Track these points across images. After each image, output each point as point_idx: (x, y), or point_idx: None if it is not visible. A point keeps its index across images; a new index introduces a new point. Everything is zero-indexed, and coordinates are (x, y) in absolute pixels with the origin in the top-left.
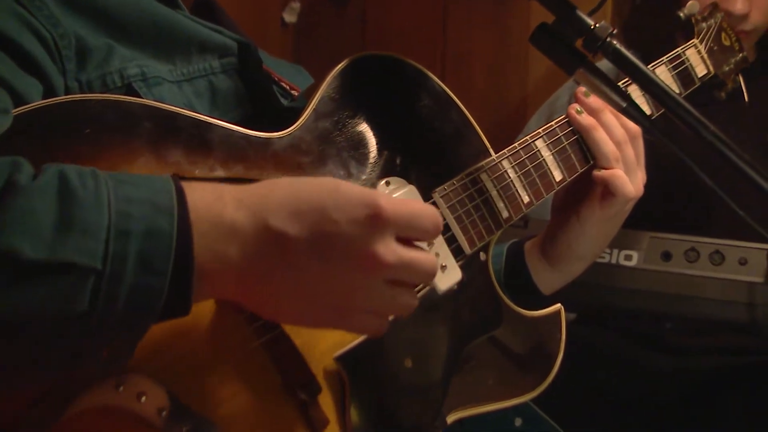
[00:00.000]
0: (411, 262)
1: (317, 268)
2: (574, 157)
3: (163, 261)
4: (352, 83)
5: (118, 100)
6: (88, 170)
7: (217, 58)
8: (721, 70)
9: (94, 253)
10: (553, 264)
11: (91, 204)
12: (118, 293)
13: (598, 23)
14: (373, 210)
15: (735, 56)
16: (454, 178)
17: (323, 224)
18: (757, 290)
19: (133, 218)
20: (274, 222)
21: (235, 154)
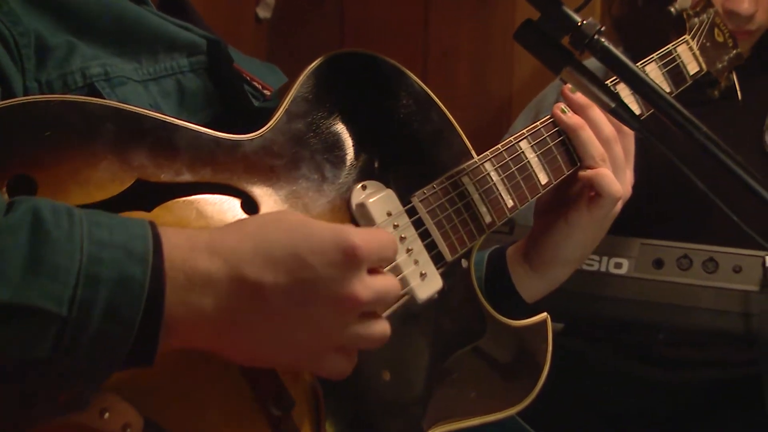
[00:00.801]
0: (383, 293)
1: (294, 314)
2: (560, 159)
3: (132, 311)
4: (327, 82)
5: (79, 101)
6: (63, 208)
7: (185, 57)
8: (714, 68)
9: (60, 299)
10: (536, 269)
11: (63, 246)
12: (81, 341)
13: (586, 20)
14: (348, 251)
15: (728, 53)
16: (434, 181)
17: (299, 271)
18: (752, 299)
19: (105, 264)
20: (249, 271)
21: (203, 157)
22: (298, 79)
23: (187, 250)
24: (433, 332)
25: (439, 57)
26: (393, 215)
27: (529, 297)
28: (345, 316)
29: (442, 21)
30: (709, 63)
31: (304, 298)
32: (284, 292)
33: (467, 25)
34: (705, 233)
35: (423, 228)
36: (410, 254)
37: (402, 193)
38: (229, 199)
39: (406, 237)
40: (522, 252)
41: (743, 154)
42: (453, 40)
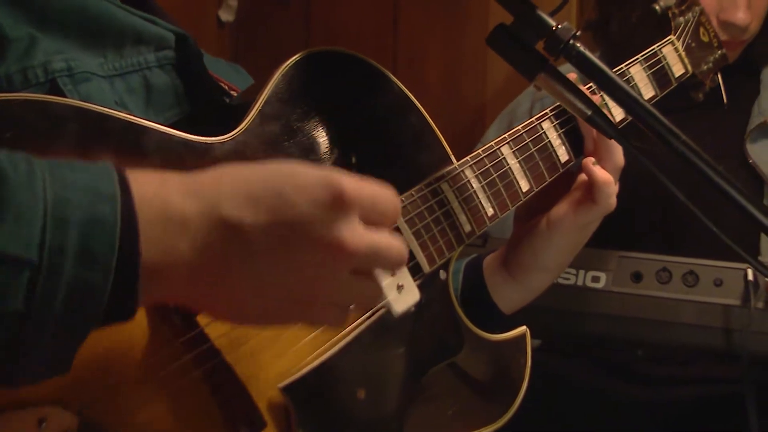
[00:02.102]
0: (379, 249)
1: (277, 258)
2: (543, 165)
3: (106, 253)
4: (303, 82)
5: (41, 101)
6: (21, 155)
7: (152, 51)
8: (699, 69)
9: (29, 243)
10: (515, 276)
11: (25, 189)
12: (56, 289)
13: (561, 24)
14: (335, 190)
15: (714, 54)
16: (413, 188)
17: (282, 209)
18: (734, 314)
19: (72, 204)
20: (227, 210)
21: (171, 161)
22: (271, 78)
23: (159, 187)
24: (410, 347)
25: (409, 62)
26: None
27: (507, 307)
28: (333, 264)
29: (412, 24)
30: (695, 64)
31: (287, 239)
32: (265, 231)
33: (438, 29)
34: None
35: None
36: None
37: None
38: None
39: None
40: (500, 260)
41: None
42: (423, 44)
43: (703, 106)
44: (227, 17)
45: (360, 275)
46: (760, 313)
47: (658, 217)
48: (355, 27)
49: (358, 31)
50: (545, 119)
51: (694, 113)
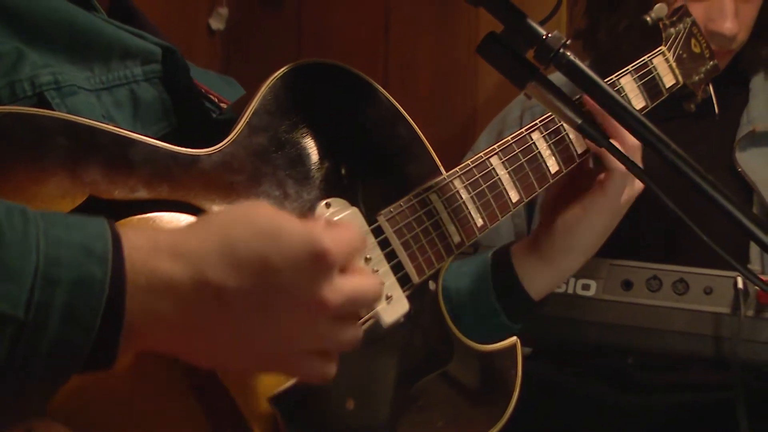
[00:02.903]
0: (356, 295)
1: (260, 319)
2: (532, 175)
3: (92, 313)
4: (291, 94)
5: (28, 114)
6: (17, 209)
7: (139, 65)
8: (690, 80)
9: (17, 302)
10: (547, 259)
11: (18, 247)
12: (39, 345)
13: (551, 33)
14: (319, 256)
15: (705, 65)
16: (402, 199)
17: (266, 275)
18: (724, 322)
19: (63, 264)
20: (212, 274)
21: (159, 173)
22: (259, 90)
23: (149, 251)
24: (399, 357)
25: (401, 69)
26: None
27: (536, 293)
28: (314, 320)
29: (404, 32)
30: (686, 75)
31: (270, 304)
32: (248, 296)
33: (429, 37)
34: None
35: (389, 248)
36: None
37: (368, 211)
38: (187, 218)
39: (372, 258)
40: (530, 246)
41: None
42: (414, 52)
43: (693, 114)
44: (218, 25)
45: (337, 321)
46: (750, 321)
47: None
48: (347, 35)
49: (349, 40)
50: (534, 130)
51: (683, 122)
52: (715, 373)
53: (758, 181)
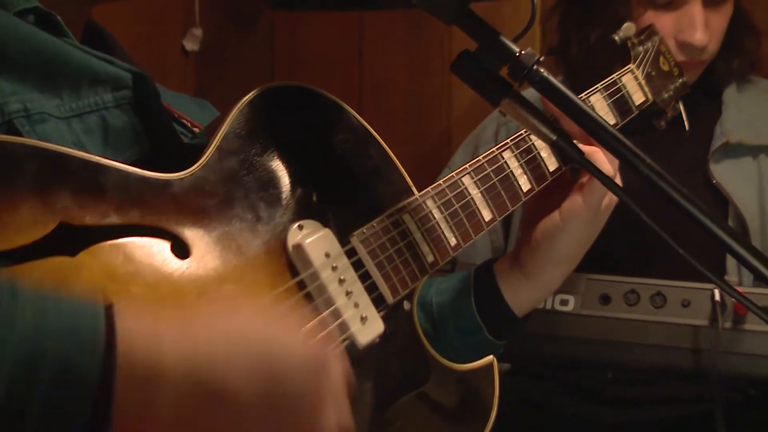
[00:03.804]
0: None
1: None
2: (505, 194)
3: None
4: (261, 117)
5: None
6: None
7: (109, 92)
8: (660, 98)
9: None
10: (529, 274)
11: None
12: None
13: (524, 50)
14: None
15: (674, 82)
16: (375, 220)
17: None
18: (702, 334)
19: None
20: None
21: (130, 198)
22: (229, 114)
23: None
24: (375, 379)
25: (375, 88)
26: (331, 257)
27: (520, 308)
28: None
29: (377, 52)
30: (655, 93)
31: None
32: (251, 407)
33: (402, 55)
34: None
35: (363, 269)
36: (350, 297)
37: (341, 232)
38: (159, 242)
39: (346, 279)
40: (512, 261)
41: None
42: (388, 71)
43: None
44: (192, 46)
45: None
46: (727, 333)
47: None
48: (320, 55)
49: (323, 60)
50: (506, 149)
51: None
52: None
53: (733, 193)
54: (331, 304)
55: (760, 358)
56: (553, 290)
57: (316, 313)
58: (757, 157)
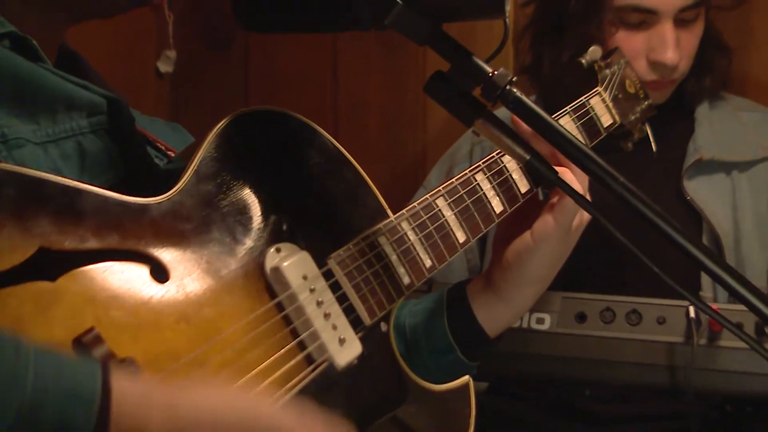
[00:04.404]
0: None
1: None
2: (478, 216)
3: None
4: (235, 142)
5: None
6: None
7: (85, 117)
8: (627, 120)
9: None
10: (501, 294)
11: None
12: None
13: (497, 70)
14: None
15: (641, 104)
16: (351, 242)
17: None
18: (677, 351)
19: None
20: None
21: (109, 223)
22: (206, 139)
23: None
24: (353, 400)
25: (350, 108)
26: (309, 279)
27: (492, 330)
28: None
29: (352, 72)
30: (622, 115)
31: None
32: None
33: (377, 75)
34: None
35: (340, 291)
36: (328, 319)
37: (318, 255)
38: (138, 266)
39: (324, 301)
40: (484, 282)
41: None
42: (363, 91)
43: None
44: (166, 68)
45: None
46: (703, 350)
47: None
48: (295, 76)
49: (298, 81)
50: (478, 171)
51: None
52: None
53: (707, 209)
54: (309, 327)
55: (735, 374)
56: (526, 310)
57: (294, 335)
58: (730, 174)
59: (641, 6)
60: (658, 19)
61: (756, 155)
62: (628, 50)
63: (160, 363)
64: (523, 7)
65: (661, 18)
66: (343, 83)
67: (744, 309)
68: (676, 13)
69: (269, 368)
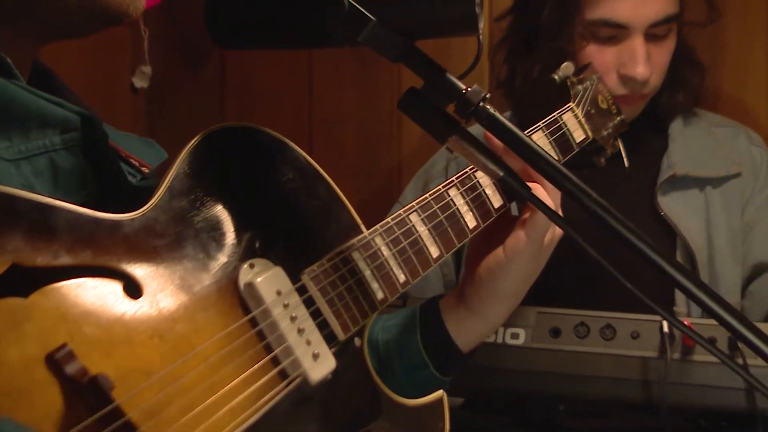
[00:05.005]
0: None
1: None
2: (451, 231)
3: None
4: (208, 158)
5: None
6: None
7: (58, 134)
8: (599, 135)
9: None
10: (474, 310)
11: None
12: None
13: (471, 87)
14: None
15: (613, 120)
16: (325, 257)
17: None
18: (651, 366)
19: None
20: None
21: (82, 239)
22: (179, 155)
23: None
24: (327, 415)
25: (325, 124)
26: (283, 294)
27: (465, 344)
28: None
29: (327, 88)
30: (595, 130)
31: None
32: None
33: (352, 91)
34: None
35: (314, 307)
36: (302, 334)
37: (292, 270)
38: (111, 283)
39: (297, 316)
40: (457, 297)
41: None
42: (338, 106)
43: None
44: (141, 83)
45: None
46: (676, 364)
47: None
48: (271, 92)
49: (273, 96)
50: (452, 186)
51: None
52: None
53: (681, 225)
54: (283, 342)
55: (709, 388)
56: (499, 326)
57: (268, 350)
58: (704, 189)
59: (612, 20)
60: (629, 34)
61: (729, 171)
62: (599, 64)
63: (133, 379)
64: (498, 21)
65: (632, 33)
66: (318, 99)
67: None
68: (647, 28)
69: (243, 383)
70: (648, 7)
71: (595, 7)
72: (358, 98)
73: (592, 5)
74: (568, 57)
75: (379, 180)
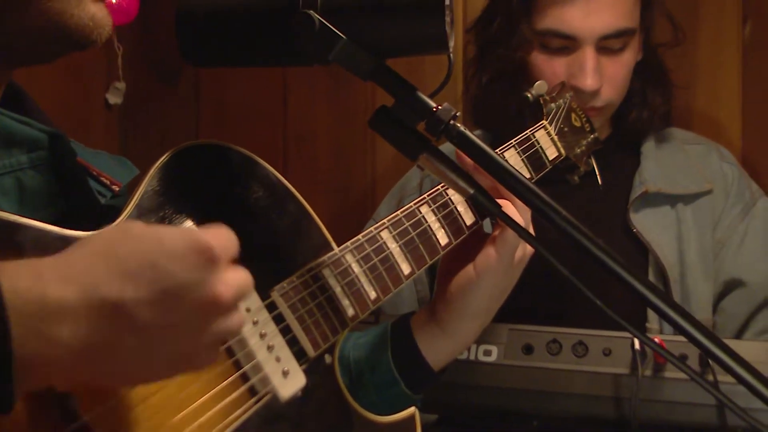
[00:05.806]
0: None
1: (162, 324)
2: (423, 248)
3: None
4: (177, 176)
5: None
6: None
7: (25, 153)
8: (572, 153)
9: None
10: (445, 327)
11: None
12: None
13: (441, 105)
14: (202, 249)
15: (586, 137)
16: (295, 274)
17: (160, 280)
18: (623, 382)
19: None
20: (107, 291)
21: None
22: (147, 173)
23: (33, 279)
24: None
25: (299, 141)
26: (252, 311)
27: (436, 363)
28: (209, 316)
29: (301, 104)
30: (568, 148)
31: (170, 307)
32: (149, 304)
33: (326, 107)
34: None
35: (284, 323)
36: (271, 351)
37: (261, 287)
38: None
39: (267, 333)
40: (428, 315)
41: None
42: (312, 123)
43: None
44: (115, 100)
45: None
46: (648, 381)
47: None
48: (245, 109)
49: (247, 113)
50: (423, 203)
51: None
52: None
53: (653, 241)
54: (252, 358)
55: (679, 405)
56: (470, 343)
57: (237, 367)
58: (675, 206)
59: (561, 31)
60: (579, 45)
61: (700, 188)
62: (549, 75)
63: (100, 397)
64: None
65: (581, 44)
66: (292, 115)
67: None
68: (597, 40)
69: (212, 400)
70: (597, 19)
71: (544, 17)
72: (332, 114)
73: (541, 15)
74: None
75: (354, 196)
